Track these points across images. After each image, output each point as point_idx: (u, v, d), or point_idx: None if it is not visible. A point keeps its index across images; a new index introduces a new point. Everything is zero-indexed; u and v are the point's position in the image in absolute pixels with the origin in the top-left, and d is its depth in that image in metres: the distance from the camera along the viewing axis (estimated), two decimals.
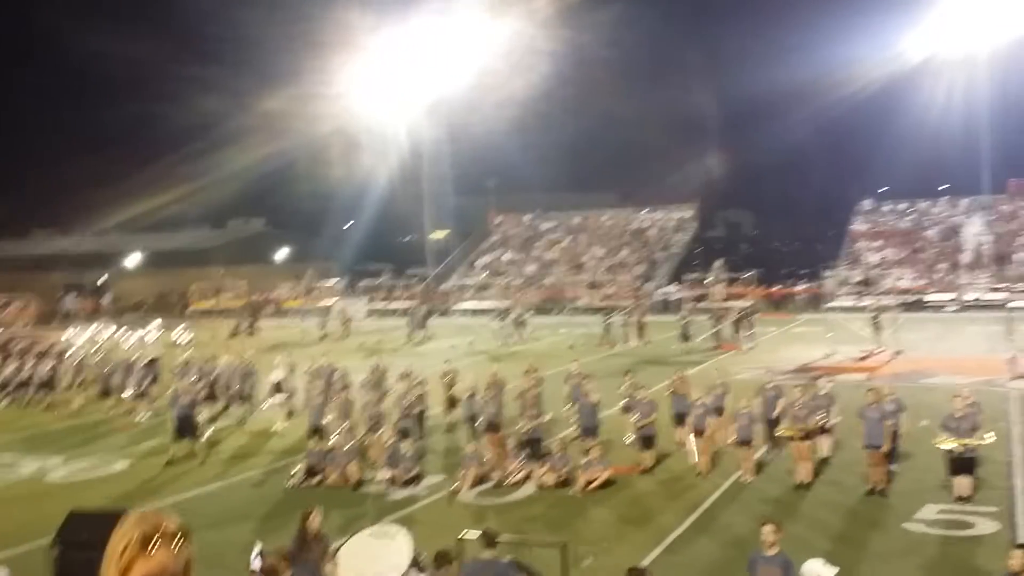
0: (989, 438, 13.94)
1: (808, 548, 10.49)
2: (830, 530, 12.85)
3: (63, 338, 31.46)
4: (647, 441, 16.45)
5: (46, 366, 25.86)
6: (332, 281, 60.72)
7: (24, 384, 25.74)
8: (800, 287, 50.74)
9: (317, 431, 17.96)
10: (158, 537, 2.46)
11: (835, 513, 13.64)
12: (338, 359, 24.17)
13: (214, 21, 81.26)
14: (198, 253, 74.34)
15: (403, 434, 17.50)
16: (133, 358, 25.32)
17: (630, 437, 17.22)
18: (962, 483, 13.60)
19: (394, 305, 53.60)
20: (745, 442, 15.48)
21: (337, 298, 51.90)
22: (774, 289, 50.33)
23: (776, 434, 15.71)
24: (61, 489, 16.61)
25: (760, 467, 15.77)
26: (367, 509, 14.42)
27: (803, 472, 14.80)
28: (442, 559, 9.10)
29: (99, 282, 74.69)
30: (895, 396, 15.52)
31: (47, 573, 9.57)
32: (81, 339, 30.26)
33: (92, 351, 29.06)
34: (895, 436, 14.84)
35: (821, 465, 15.59)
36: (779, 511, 13.08)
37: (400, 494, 15.30)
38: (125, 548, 2.40)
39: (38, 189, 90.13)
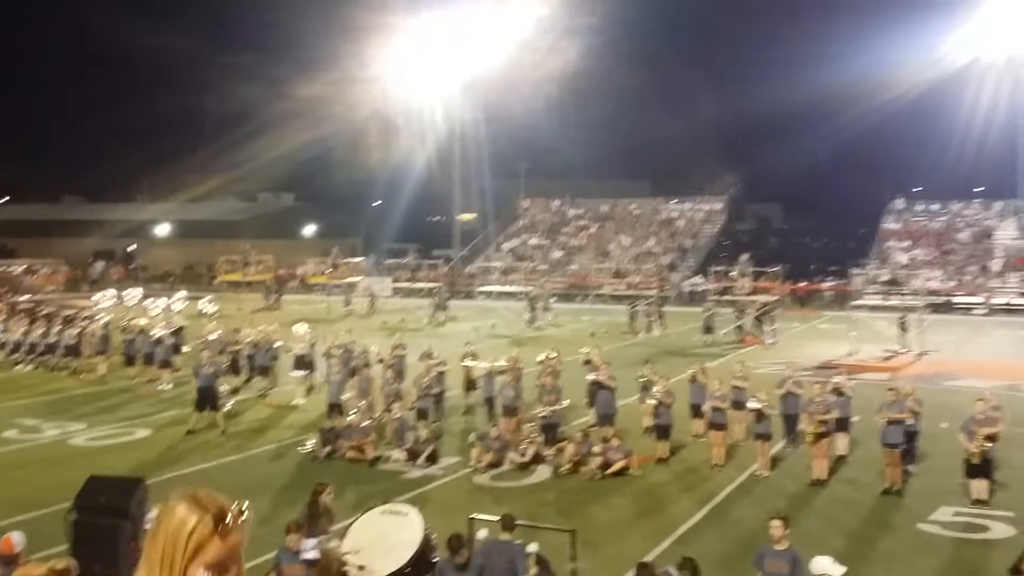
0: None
1: (819, 545, 10.50)
2: (843, 528, 12.84)
3: (92, 303, 31.69)
4: (663, 431, 16.46)
5: (73, 332, 26.07)
6: (359, 259, 60.99)
7: (50, 349, 26.02)
8: (827, 284, 50.38)
9: (336, 407, 18.14)
10: (230, 518, 2.46)
11: (849, 511, 13.61)
12: (361, 336, 24.32)
13: (251, 9, 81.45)
14: (227, 225, 74.87)
15: (421, 414, 17.63)
16: (158, 328, 25.54)
17: (649, 423, 17.24)
18: (979, 486, 13.52)
19: (419, 285, 53.78)
20: (762, 436, 15.44)
21: (363, 276, 52.12)
22: (801, 285, 50.02)
23: (797, 430, 15.63)
24: (82, 454, 16.87)
25: (775, 462, 15.72)
26: (382, 487, 14.51)
27: (819, 469, 14.76)
28: (456, 544, 9.18)
29: (128, 250, 75.51)
30: (915, 396, 15.42)
31: (66, 537, 9.70)
32: (108, 305, 30.45)
33: (120, 318, 29.31)
34: (913, 436, 14.78)
35: (838, 463, 15.55)
36: (793, 507, 13.07)
37: (415, 473, 15.41)
38: (193, 531, 2.38)
39: (71, 158, 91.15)
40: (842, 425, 15.66)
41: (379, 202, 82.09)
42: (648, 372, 18.39)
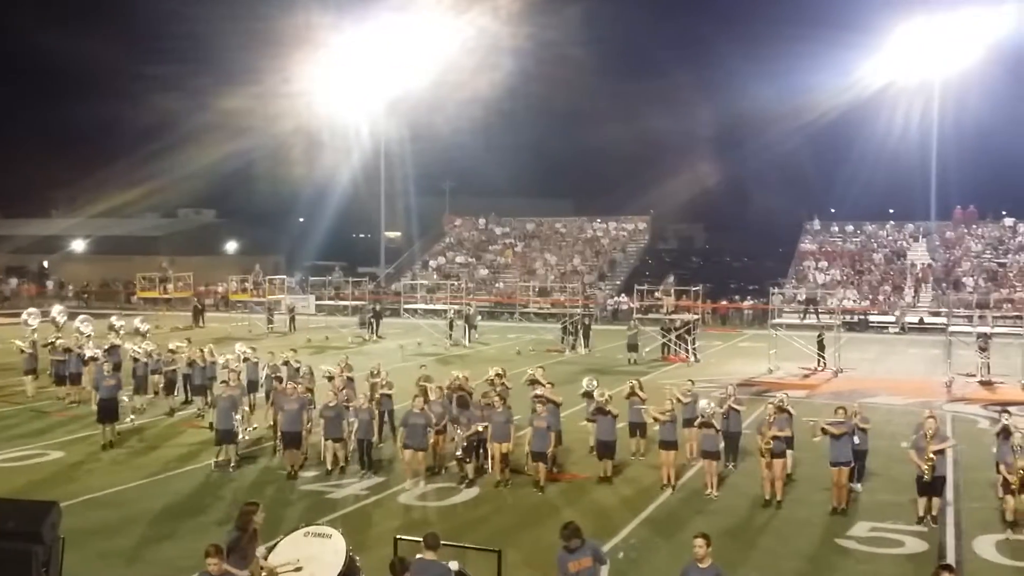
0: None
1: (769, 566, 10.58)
2: (795, 549, 12.94)
3: (21, 321, 30.27)
4: (608, 448, 16.25)
5: None
6: (282, 276, 60.14)
7: None
8: (747, 303, 51.38)
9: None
10: None
11: (801, 531, 13.72)
12: (283, 354, 23.84)
13: (173, 20, 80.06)
14: (146, 241, 73.21)
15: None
16: (91, 346, 24.65)
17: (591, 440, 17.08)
18: (929, 503, 13.75)
19: (344, 303, 53.32)
20: (710, 455, 15.35)
21: (286, 293, 51.39)
22: (722, 304, 50.92)
23: (763, 448, 14.87)
24: None
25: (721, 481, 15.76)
26: (304, 507, 14.27)
27: (773, 489, 14.78)
28: (399, 567, 9.05)
29: (43, 265, 73.28)
30: (862, 414, 15.64)
31: None
32: (35, 324, 29.13)
33: (47, 338, 27.64)
34: (862, 455, 15.11)
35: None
36: (740, 527, 13.26)
37: (339, 494, 15.20)
38: None
39: None
40: (788, 443, 15.63)
41: (303, 219, 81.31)
42: (587, 383, 18.12)
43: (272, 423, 18.38)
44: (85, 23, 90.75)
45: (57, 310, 33.16)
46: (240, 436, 17.18)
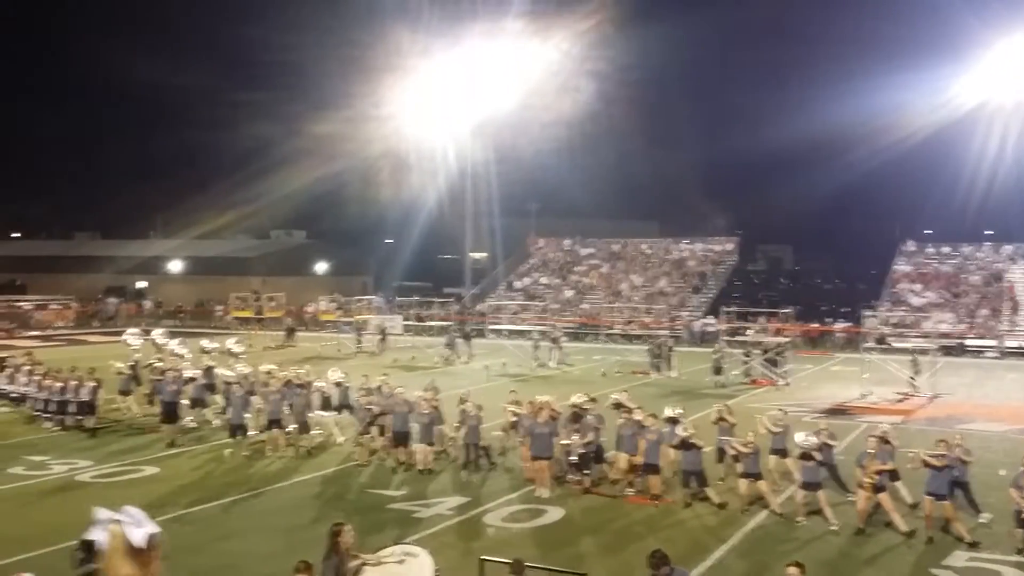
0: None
1: None
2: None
3: (123, 341, 31.16)
4: (697, 475, 16.03)
5: (87, 387, 22.81)
6: (370, 296, 61.09)
7: (62, 407, 22.78)
8: (839, 326, 50.19)
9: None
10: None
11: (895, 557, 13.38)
12: (372, 374, 24.13)
13: (265, 48, 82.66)
14: (239, 262, 75.17)
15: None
16: (188, 367, 25.04)
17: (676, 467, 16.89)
18: None
19: (430, 323, 53.82)
20: (811, 485, 15.01)
21: (374, 314, 52.14)
22: (812, 326, 49.85)
23: (867, 483, 14.42)
24: (90, 491, 16.78)
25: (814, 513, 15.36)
26: (393, 527, 14.41)
27: (866, 518, 14.42)
28: (518, 566, 9.16)
29: (139, 287, 75.77)
30: (964, 446, 15.13)
31: None
32: (138, 344, 30.01)
33: (146, 357, 27.64)
34: (964, 486, 14.62)
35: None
36: (828, 554, 12.93)
37: (426, 513, 15.30)
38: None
39: (84, 194, 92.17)
40: (892, 476, 15.19)
41: (391, 240, 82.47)
42: (671, 410, 17.93)
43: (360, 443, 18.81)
44: (182, 53, 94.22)
45: (158, 332, 34.10)
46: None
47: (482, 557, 10.32)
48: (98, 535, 3.41)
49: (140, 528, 3.39)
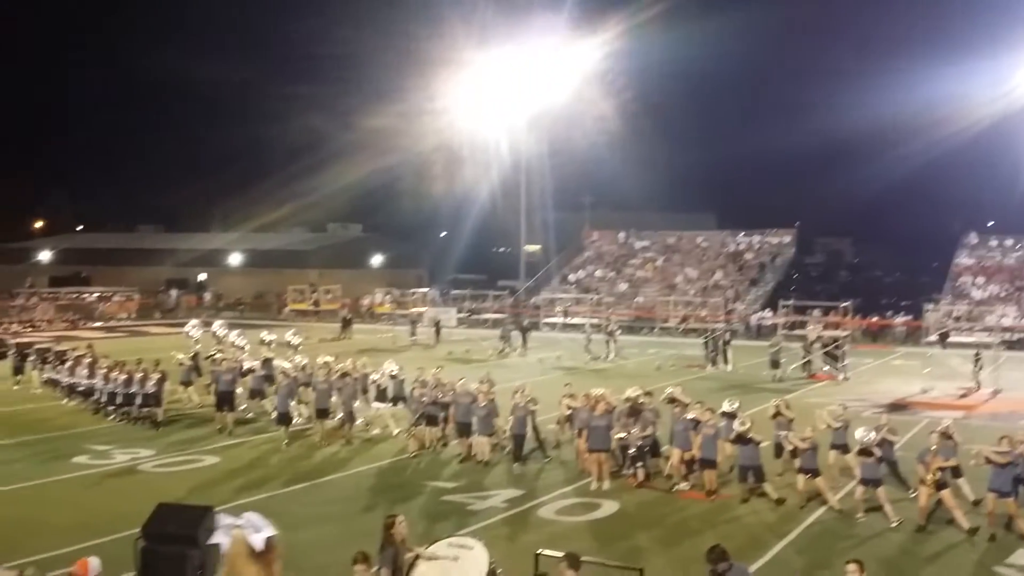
0: None
1: None
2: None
3: (184, 332, 31.58)
4: (756, 471, 15.79)
5: (153, 379, 22.81)
6: (424, 289, 61.43)
7: (128, 399, 22.85)
8: (900, 319, 49.27)
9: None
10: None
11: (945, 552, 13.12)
12: (427, 366, 24.19)
13: (320, 42, 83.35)
14: (296, 255, 76.06)
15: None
16: (248, 359, 25.31)
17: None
18: None
19: (484, 316, 53.98)
20: (871, 482, 14.75)
21: (429, 306, 52.44)
22: (872, 320, 48.99)
23: (930, 480, 14.24)
24: (151, 480, 17.10)
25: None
26: (447, 519, 14.46)
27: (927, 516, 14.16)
28: (574, 560, 9.15)
29: (199, 279, 77.09)
30: None
31: (134, 565, 9.75)
32: (198, 335, 30.48)
33: (208, 350, 28.02)
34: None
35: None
36: (888, 551, 12.72)
37: (480, 505, 15.33)
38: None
39: (146, 189, 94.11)
40: (955, 472, 14.89)
41: (445, 232, 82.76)
42: (728, 404, 17.76)
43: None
44: (239, 49, 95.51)
45: (218, 324, 34.57)
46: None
47: (537, 551, 10.29)
48: (220, 539, 3.61)
49: (259, 532, 3.52)
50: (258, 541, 3.56)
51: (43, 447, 20.00)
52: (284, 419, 20.42)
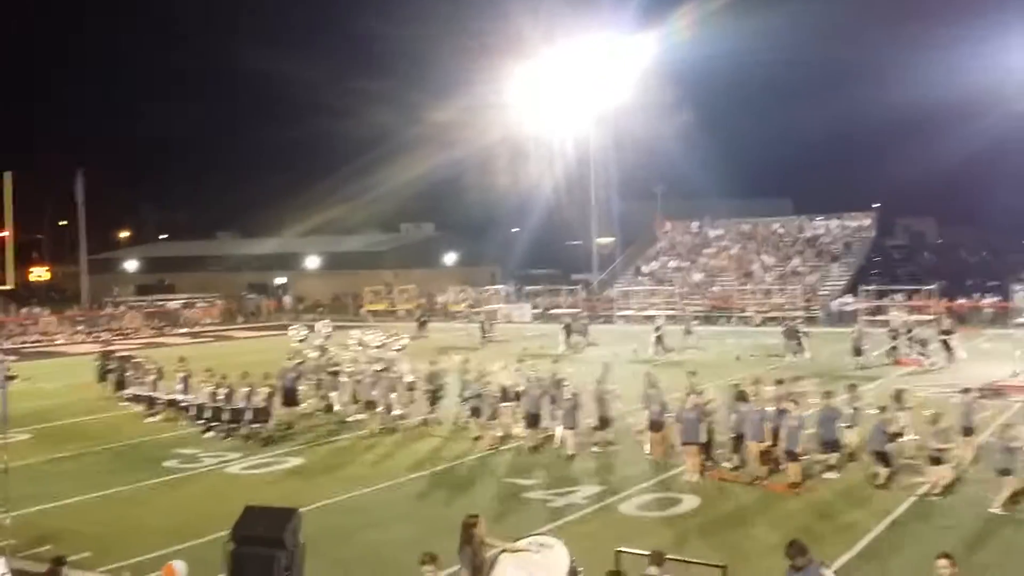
0: None
1: None
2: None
3: (288, 337, 32.04)
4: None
5: (260, 393, 21.78)
6: (498, 286, 61.59)
7: (236, 416, 21.56)
8: (987, 301, 47.76)
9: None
10: None
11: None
12: (503, 362, 24.16)
13: (385, 38, 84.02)
14: (371, 256, 76.98)
15: None
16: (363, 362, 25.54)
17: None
18: None
19: (558, 311, 53.85)
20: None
21: (502, 303, 52.57)
22: (958, 302, 47.58)
23: None
24: (238, 483, 17.43)
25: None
26: (525, 516, 14.45)
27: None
28: (658, 557, 9.13)
29: (278, 283, 78.52)
30: None
31: (223, 567, 9.94)
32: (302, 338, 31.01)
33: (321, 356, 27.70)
34: None
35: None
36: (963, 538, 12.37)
37: (559, 502, 15.30)
38: None
39: (221, 196, 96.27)
40: None
41: (516, 228, 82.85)
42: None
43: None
44: (308, 50, 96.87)
45: (321, 324, 35.06)
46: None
47: (618, 548, 10.22)
48: None
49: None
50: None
51: (132, 454, 20.48)
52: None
